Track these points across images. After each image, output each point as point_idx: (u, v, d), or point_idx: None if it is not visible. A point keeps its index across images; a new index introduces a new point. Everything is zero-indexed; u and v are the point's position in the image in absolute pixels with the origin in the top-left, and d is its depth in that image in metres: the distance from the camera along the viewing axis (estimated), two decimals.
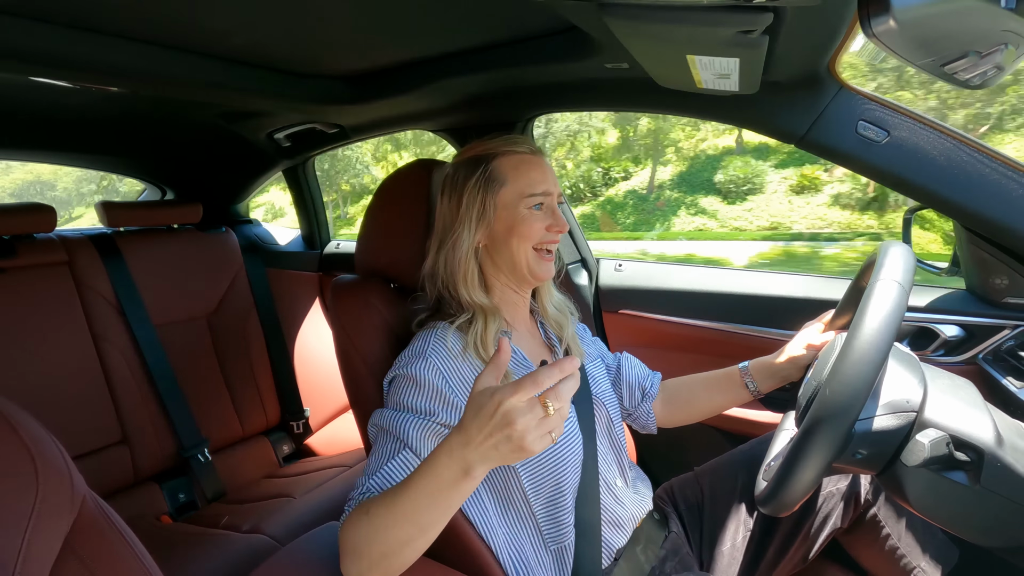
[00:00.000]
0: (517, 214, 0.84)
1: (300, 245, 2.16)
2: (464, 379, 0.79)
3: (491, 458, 0.53)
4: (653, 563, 0.89)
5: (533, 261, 0.86)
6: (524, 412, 0.51)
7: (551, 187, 0.87)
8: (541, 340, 0.97)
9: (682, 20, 0.63)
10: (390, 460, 0.70)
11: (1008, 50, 0.56)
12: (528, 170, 0.86)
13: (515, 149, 0.88)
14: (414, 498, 0.57)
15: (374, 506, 0.61)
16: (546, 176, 0.87)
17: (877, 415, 0.67)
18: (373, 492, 0.68)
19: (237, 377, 1.78)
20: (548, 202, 0.87)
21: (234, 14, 0.88)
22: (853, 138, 0.94)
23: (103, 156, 1.96)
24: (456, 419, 0.76)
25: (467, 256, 0.85)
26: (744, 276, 1.37)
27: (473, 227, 0.85)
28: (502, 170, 0.86)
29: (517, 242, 0.85)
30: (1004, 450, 0.62)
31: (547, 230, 0.86)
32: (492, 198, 0.85)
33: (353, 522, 0.62)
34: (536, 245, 0.86)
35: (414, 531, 0.58)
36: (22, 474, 0.52)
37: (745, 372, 1.00)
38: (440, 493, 0.56)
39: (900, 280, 0.64)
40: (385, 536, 0.59)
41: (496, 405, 0.51)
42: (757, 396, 0.98)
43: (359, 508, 0.63)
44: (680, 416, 1.06)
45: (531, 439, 0.51)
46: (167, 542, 1.29)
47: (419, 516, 0.57)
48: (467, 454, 0.54)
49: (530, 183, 0.85)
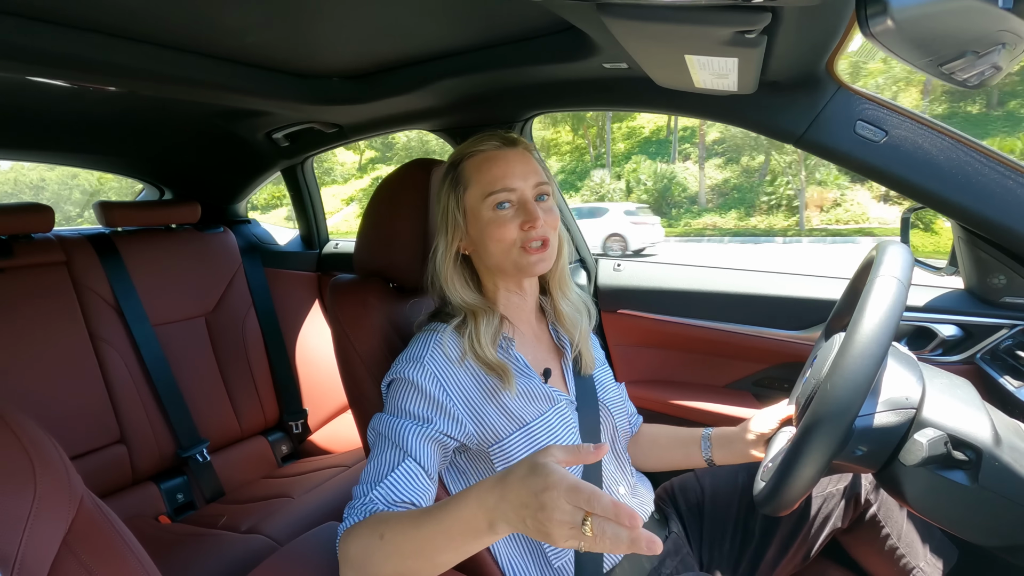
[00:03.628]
0: (483, 217, 0.81)
1: (299, 245, 2.16)
2: (462, 386, 0.78)
3: (516, 526, 0.52)
4: (654, 563, 0.89)
5: (518, 256, 0.81)
6: (564, 512, 0.47)
7: (515, 182, 0.80)
8: (550, 343, 0.93)
9: (680, 20, 0.63)
10: (394, 470, 0.69)
11: (1005, 50, 0.57)
12: (489, 168, 0.81)
13: (480, 148, 0.83)
14: (432, 535, 0.57)
15: (389, 531, 0.60)
16: (510, 171, 0.81)
17: (877, 412, 0.67)
18: (378, 504, 0.67)
19: (235, 377, 1.78)
20: (515, 197, 0.81)
21: (233, 14, 0.88)
22: (851, 138, 0.94)
23: (101, 156, 1.95)
24: (453, 428, 0.76)
25: (448, 262, 0.83)
26: (743, 276, 1.37)
27: (448, 234, 0.83)
28: (467, 172, 0.83)
29: (495, 246, 0.81)
30: (1002, 449, 0.62)
31: (522, 228, 0.79)
32: (460, 202, 0.83)
33: (362, 538, 0.62)
34: (521, 244, 0.80)
35: (426, 565, 0.59)
36: (20, 474, 0.52)
37: (705, 438, 0.95)
38: (460, 537, 0.56)
39: (899, 276, 0.64)
40: (397, 564, 0.59)
41: (543, 486, 0.48)
42: (710, 465, 0.94)
43: (370, 525, 0.62)
44: (638, 460, 1.01)
45: (558, 535, 0.48)
46: (165, 542, 1.28)
47: (434, 553, 0.58)
48: (498, 510, 0.52)
49: (491, 180, 0.80)
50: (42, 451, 0.55)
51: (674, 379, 1.50)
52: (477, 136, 0.86)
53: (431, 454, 0.72)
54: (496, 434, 0.78)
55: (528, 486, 0.50)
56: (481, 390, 0.79)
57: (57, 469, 0.55)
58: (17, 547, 0.49)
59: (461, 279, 0.85)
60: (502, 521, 0.52)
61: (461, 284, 0.84)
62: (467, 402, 0.78)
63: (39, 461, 0.54)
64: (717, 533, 0.99)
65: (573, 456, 0.52)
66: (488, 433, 0.78)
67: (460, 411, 0.77)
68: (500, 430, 0.78)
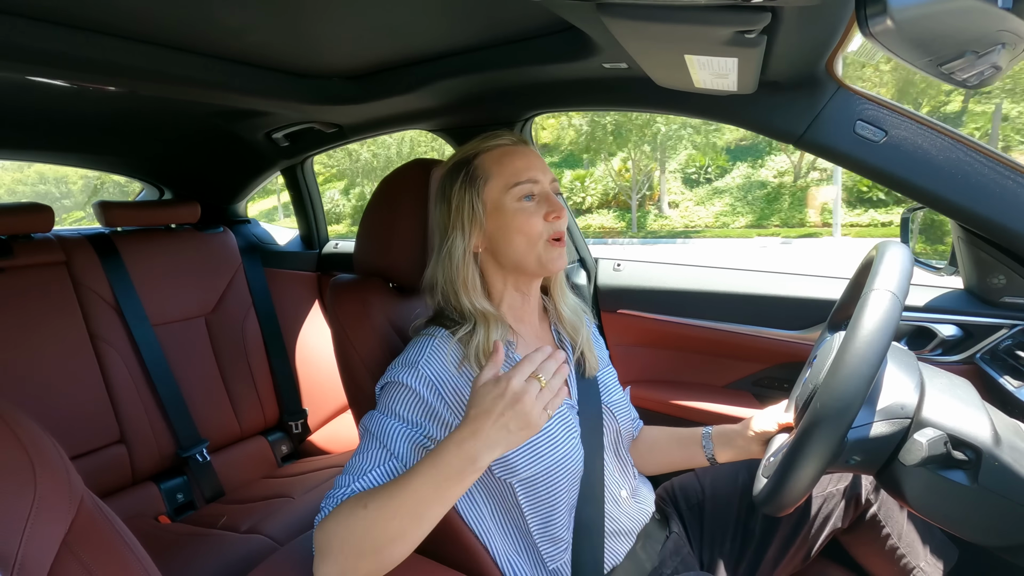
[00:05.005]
0: (507, 209, 0.80)
1: (298, 245, 2.16)
2: (459, 392, 0.77)
3: (499, 442, 0.60)
4: (654, 562, 0.89)
5: (543, 250, 0.81)
6: (527, 389, 0.60)
7: (538, 175, 0.82)
8: (551, 344, 0.91)
9: (680, 20, 0.63)
10: (377, 467, 0.69)
11: (1005, 50, 0.57)
12: (511, 160, 0.82)
13: (496, 143, 0.84)
14: (417, 488, 0.60)
15: (372, 500, 0.61)
16: (531, 164, 0.83)
17: (871, 422, 0.67)
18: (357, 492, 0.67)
19: (235, 377, 1.78)
20: (538, 190, 0.82)
21: (233, 14, 0.88)
22: (851, 138, 0.94)
23: (101, 156, 1.95)
24: (444, 434, 0.75)
25: (465, 262, 0.82)
26: (743, 276, 1.37)
27: (466, 231, 0.82)
28: (485, 166, 0.83)
29: (521, 239, 0.80)
30: (1002, 449, 0.62)
31: (545, 219, 0.81)
32: (479, 196, 0.81)
33: (342, 516, 0.62)
34: (548, 237, 0.81)
35: (414, 523, 0.60)
36: (20, 474, 0.52)
37: (706, 436, 0.95)
38: (446, 482, 0.60)
39: (894, 290, 0.64)
40: (383, 528, 0.60)
41: (504, 387, 0.60)
42: (712, 464, 0.94)
43: (350, 503, 0.63)
44: (639, 464, 1.00)
45: (536, 413, 0.60)
46: (165, 542, 1.28)
47: (420, 507, 0.60)
48: (476, 443, 0.60)
49: (514, 172, 0.81)
50: (42, 451, 0.55)
51: (674, 379, 1.50)
52: (486, 134, 0.86)
53: (415, 458, 0.72)
54: None
55: (492, 400, 0.60)
56: None
57: (57, 469, 0.55)
58: (17, 547, 0.49)
59: (475, 282, 0.83)
60: (484, 449, 0.60)
61: (475, 287, 0.82)
62: (463, 408, 0.77)
63: (39, 461, 0.54)
64: (718, 533, 0.99)
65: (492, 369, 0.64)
66: None
67: (455, 417, 0.76)
68: None
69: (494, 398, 0.60)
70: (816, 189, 14.58)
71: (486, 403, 0.60)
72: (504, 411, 0.59)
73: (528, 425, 0.60)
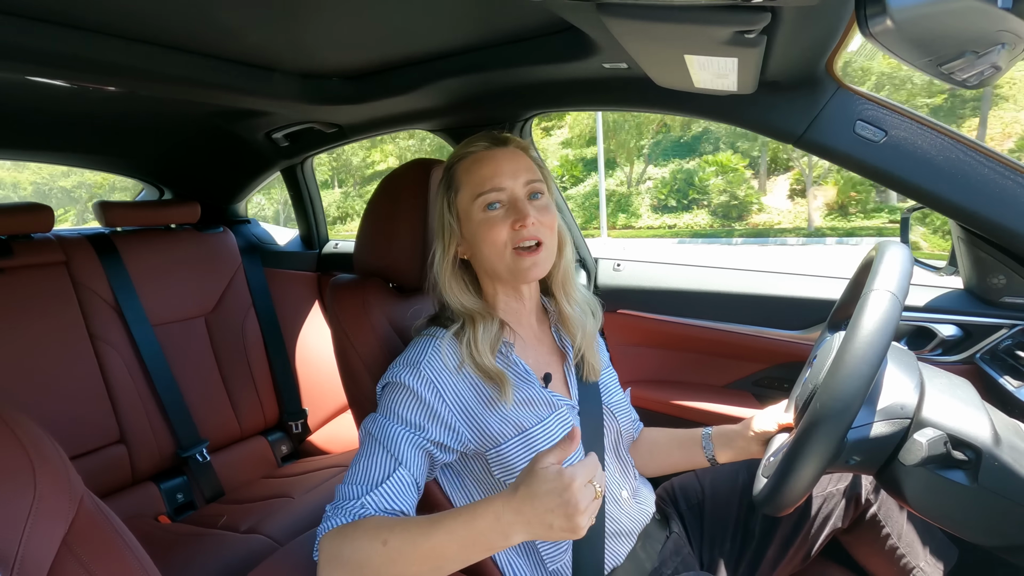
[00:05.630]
0: (474, 219, 0.80)
1: (298, 245, 2.16)
2: (459, 394, 0.77)
3: (537, 532, 0.56)
4: (655, 563, 0.89)
5: (511, 260, 0.79)
6: (587, 497, 0.55)
7: (504, 181, 0.79)
8: (552, 346, 0.92)
9: (680, 20, 0.63)
10: (387, 479, 0.69)
11: (1005, 50, 0.57)
12: (479, 168, 0.80)
13: (469, 150, 0.83)
14: (443, 542, 0.59)
15: (393, 538, 0.60)
16: (498, 170, 0.79)
17: (871, 422, 0.67)
18: (369, 510, 0.66)
19: (235, 377, 1.78)
20: (505, 197, 0.79)
21: (232, 14, 0.88)
22: (851, 138, 0.94)
23: (101, 156, 1.95)
24: (447, 436, 0.75)
25: (446, 267, 0.83)
26: (743, 276, 1.37)
27: (444, 239, 0.83)
28: (458, 175, 0.83)
29: (488, 249, 0.79)
30: (1002, 449, 0.62)
31: (513, 228, 0.78)
32: (452, 206, 0.82)
33: (360, 542, 0.61)
34: (514, 246, 0.79)
35: (431, 571, 0.60)
36: (19, 474, 0.52)
37: (706, 437, 0.95)
38: (473, 546, 0.59)
39: (894, 290, 0.64)
40: (400, 569, 0.60)
41: (565, 485, 0.54)
42: (713, 464, 0.94)
43: (369, 531, 0.62)
44: (640, 465, 1.00)
45: (584, 523, 0.55)
46: (165, 542, 1.28)
47: (442, 561, 0.59)
48: (515, 522, 0.56)
49: (480, 180, 0.79)
50: (42, 451, 0.55)
51: (674, 379, 1.50)
52: (469, 138, 0.86)
53: (420, 464, 0.73)
54: (494, 439, 0.78)
55: (549, 492, 0.55)
56: (479, 398, 0.78)
57: (57, 469, 0.55)
58: (17, 547, 0.49)
59: (460, 284, 0.84)
60: (522, 530, 0.56)
61: (460, 289, 0.83)
62: (464, 410, 0.77)
63: (39, 461, 0.54)
64: (718, 533, 0.99)
65: (560, 454, 0.58)
66: (486, 439, 0.78)
67: (456, 419, 0.76)
68: (498, 436, 0.78)
69: (549, 491, 0.55)
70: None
71: (540, 490, 0.55)
72: (555, 508, 0.54)
73: (572, 531, 0.55)
